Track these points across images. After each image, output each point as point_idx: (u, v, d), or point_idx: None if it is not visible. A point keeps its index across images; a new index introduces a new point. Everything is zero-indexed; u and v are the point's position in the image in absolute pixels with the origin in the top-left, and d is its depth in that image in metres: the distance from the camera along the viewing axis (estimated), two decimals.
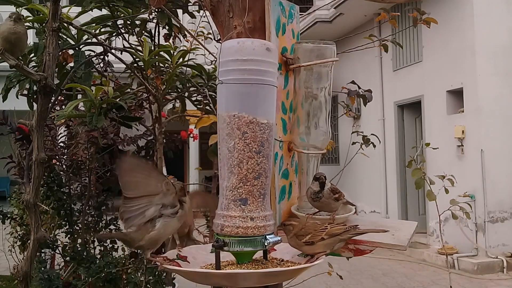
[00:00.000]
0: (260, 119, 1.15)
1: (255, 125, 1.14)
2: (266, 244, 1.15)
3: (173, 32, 2.65)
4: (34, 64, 2.08)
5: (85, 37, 2.18)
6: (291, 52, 1.47)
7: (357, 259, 1.44)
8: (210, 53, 2.57)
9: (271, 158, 1.19)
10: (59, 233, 3.63)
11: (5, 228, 4.37)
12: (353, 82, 2.63)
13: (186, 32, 2.71)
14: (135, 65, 2.50)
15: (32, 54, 2.06)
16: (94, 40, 2.21)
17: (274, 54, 1.20)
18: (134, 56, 2.45)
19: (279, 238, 1.18)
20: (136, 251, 3.06)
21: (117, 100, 2.02)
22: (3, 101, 2.19)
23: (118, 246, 3.40)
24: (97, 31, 2.39)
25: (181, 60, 2.52)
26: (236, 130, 1.14)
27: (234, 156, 1.14)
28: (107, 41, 2.58)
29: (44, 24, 2.03)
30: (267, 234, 1.15)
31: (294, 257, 1.26)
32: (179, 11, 2.65)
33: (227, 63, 1.15)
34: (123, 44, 2.61)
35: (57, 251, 3.28)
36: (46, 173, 3.23)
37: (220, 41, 1.64)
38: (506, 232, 6.67)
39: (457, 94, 7.26)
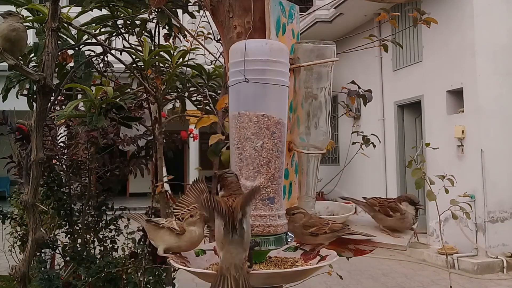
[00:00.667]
0: (283, 120, 1.19)
1: (282, 126, 1.18)
2: (289, 240, 1.18)
3: (173, 32, 2.65)
4: (34, 64, 2.08)
5: (85, 37, 2.18)
6: (291, 52, 1.47)
7: (357, 259, 1.44)
8: (210, 53, 2.57)
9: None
10: (59, 233, 3.63)
11: (5, 228, 4.36)
12: (353, 82, 2.63)
13: (186, 32, 2.70)
14: (135, 65, 2.50)
15: (32, 54, 2.06)
16: (94, 40, 2.21)
17: (288, 56, 1.25)
18: (134, 56, 2.45)
19: (293, 235, 1.21)
20: (136, 251, 3.07)
21: (117, 100, 2.02)
22: (3, 101, 2.19)
23: (118, 246, 3.40)
24: (97, 31, 2.39)
25: (181, 60, 2.52)
26: (265, 130, 1.16)
27: (263, 156, 1.16)
28: (107, 41, 2.57)
29: (44, 24, 2.03)
30: (288, 231, 1.19)
31: (280, 253, 1.28)
32: (179, 11, 2.65)
33: (254, 63, 1.16)
34: (123, 44, 2.61)
35: (57, 251, 3.28)
36: (46, 173, 3.23)
37: (220, 41, 1.63)
38: (506, 232, 6.67)
39: (457, 94, 7.26)
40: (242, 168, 1.17)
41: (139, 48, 2.56)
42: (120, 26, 2.59)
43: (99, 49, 2.39)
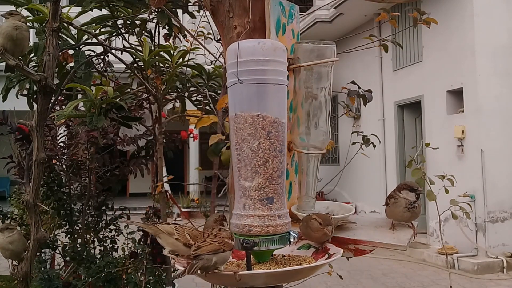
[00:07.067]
0: (281, 119, 1.18)
1: (278, 125, 1.17)
2: (291, 240, 1.18)
3: (173, 32, 2.65)
4: (34, 64, 2.08)
5: (85, 37, 2.18)
6: (291, 52, 1.47)
7: (357, 259, 1.44)
8: (210, 53, 2.57)
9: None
10: (59, 233, 3.63)
11: None
12: (353, 82, 2.63)
13: (186, 32, 2.70)
14: (135, 65, 2.50)
15: (32, 54, 2.06)
16: (94, 40, 2.21)
17: (286, 54, 1.24)
18: (134, 56, 2.45)
19: (297, 233, 1.21)
20: (136, 251, 3.07)
21: (117, 100, 2.02)
22: (3, 101, 2.19)
23: (118, 246, 3.40)
24: (97, 31, 2.39)
25: (181, 60, 2.52)
26: (261, 130, 1.16)
27: (259, 156, 1.16)
28: (107, 41, 2.57)
29: (44, 24, 2.03)
30: (291, 230, 1.19)
31: (294, 251, 1.29)
32: (179, 11, 2.64)
33: (247, 63, 1.16)
34: (123, 44, 2.61)
35: (57, 251, 3.28)
36: (46, 173, 3.23)
37: (221, 41, 1.64)
38: (506, 232, 6.67)
39: (457, 94, 7.26)
40: (240, 169, 1.18)
41: (139, 48, 2.56)
42: (120, 26, 2.59)
43: (99, 49, 2.39)
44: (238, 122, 1.18)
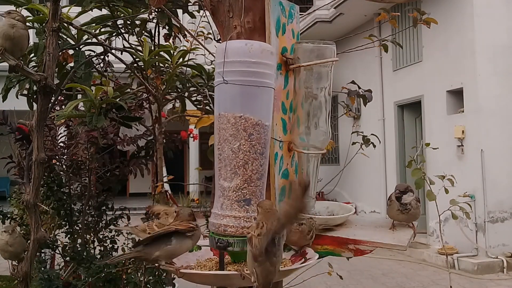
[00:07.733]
0: (264, 121, 1.17)
1: (260, 127, 1.16)
2: None
3: (173, 32, 2.65)
4: (34, 64, 2.07)
5: (85, 37, 2.18)
6: (291, 52, 1.47)
7: (357, 259, 1.44)
8: (210, 53, 2.57)
9: (268, 160, 1.21)
10: (59, 233, 3.63)
11: None
12: (353, 82, 2.63)
13: (186, 32, 2.70)
14: (135, 65, 2.50)
15: (32, 54, 2.06)
16: (94, 40, 2.21)
17: (275, 57, 1.23)
18: (134, 56, 2.45)
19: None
20: None
21: (117, 100, 2.02)
22: (3, 101, 2.19)
23: (118, 246, 3.40)
24: (97, 31, 2.39)
25: (181, 60, 2.52)
26: (242, 131, 1.15)
27: (239, 157, 1.15)
28: (107, 41, 2.57)
29: (44, 24, 2.03)
30: None
31: None
32: (179, 11, 2.64)
33: (233, 64, 1.15)
34: (123, 44, 2.61)
35: (57, 251, 3.28)
36: (46, 173, 3.22)
37: (220, 41, 1.64)
38: (506, 232, 6.67)
39: (457, 94, 7.26)
40: (221, 168, 1.18)
41: (139, 48, 2.56)
42: (120, 26, 2.59)
43: (99, 49, 2.39)
44: (221, 122, 1.17)
